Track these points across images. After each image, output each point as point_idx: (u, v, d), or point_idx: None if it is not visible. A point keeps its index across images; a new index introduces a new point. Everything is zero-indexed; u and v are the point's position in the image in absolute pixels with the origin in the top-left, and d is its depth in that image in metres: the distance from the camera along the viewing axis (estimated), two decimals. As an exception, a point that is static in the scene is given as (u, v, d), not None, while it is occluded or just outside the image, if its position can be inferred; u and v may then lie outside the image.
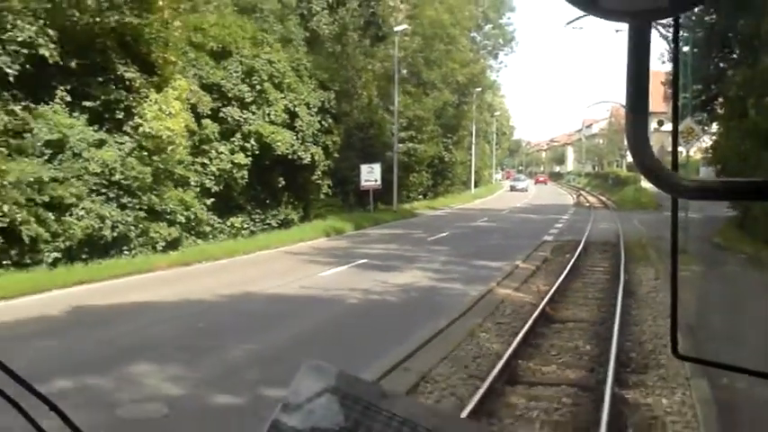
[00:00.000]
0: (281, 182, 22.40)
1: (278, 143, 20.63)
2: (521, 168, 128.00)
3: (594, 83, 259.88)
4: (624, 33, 0.52)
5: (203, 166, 18.95)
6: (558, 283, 12.86)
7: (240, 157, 19.80)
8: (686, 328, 8.24)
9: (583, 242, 19.86)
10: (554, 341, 9.02)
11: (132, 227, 15.58)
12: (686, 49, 20.39)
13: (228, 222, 20.54)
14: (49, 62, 13.65)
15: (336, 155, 25.15)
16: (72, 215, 14.26)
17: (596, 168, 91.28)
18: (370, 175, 30.54)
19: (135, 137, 15.62)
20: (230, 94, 19.55)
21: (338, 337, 9.13)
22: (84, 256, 14.60)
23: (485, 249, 18.99)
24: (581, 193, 60.85)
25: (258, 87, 20.06)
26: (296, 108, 21.64)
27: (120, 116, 15.65)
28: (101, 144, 15.18)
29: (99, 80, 15.44)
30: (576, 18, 28.65)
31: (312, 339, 9.01)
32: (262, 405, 6.19)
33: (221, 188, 19.71)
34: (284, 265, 15.95)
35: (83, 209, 14.48)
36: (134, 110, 15.78)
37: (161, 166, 16.23)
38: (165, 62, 16.47)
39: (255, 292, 12.11)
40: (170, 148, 16.18)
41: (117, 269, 14.03)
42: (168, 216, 16.77)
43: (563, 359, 8.22)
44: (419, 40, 40.39)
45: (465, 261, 16.59)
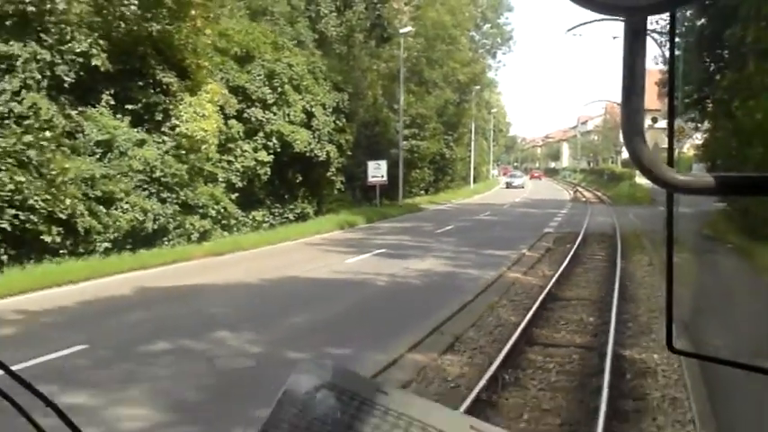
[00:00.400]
0: (298, 178, 23.84)
1: (297, 141, 22.05)
2: (516, 165, 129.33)
3: (589, 79, 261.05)
4: (620, 38, 0.51)
5: (229, 163, 20.33)
6: (562, 268, 14.34)
7: (263, 155, 21.21)
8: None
9: (582, 233, 21.34)
10: (562, 314, 10.49)
11: (170, 219, 16.98)
12: (678, 52, 21.78)
13: (250, 216, 21.93)
14: (101, 70, 15.02)
15: (349, 152, 26.54)
16: (118, 209, 15.67)
17: (591, 164, 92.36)
18: (376, 171, 31.90)
19: (173, 137, 16.99)
20: (254, 96, 20.95)
21: (379, 310, 10.61)
22: (129, 246, 15.98)
23: (491, 240, 20.43)
24: (577, 189, 62.23)
25: (279, 90, 21.46)
26: (313, 109, 23.05)
27: (159, 118, 17.05)
28: (142, 143, 16.57)
29: (139, 84, 16.83)
30: (576, 26, 30.01)
31: (358, 312, 10.46)
32: (327, 359, 7.64)
33: (245, 184, 21.11)
34: (309, 254, 17.34)
35: (126, 203, 15.88)
36: (171, 112, 17.18)
37: (195, 164, 17.62)
38: (198, 67, 17.85)
39: (293, 276, 13.54)
40: (203, 147, 17.60)
41: (161, 257, 15.45)
42: (201, 210, 18.16)
43: (570, 327, 9.70)
44: (422, 40, 41.70)
45: (475, 250, 18.03)
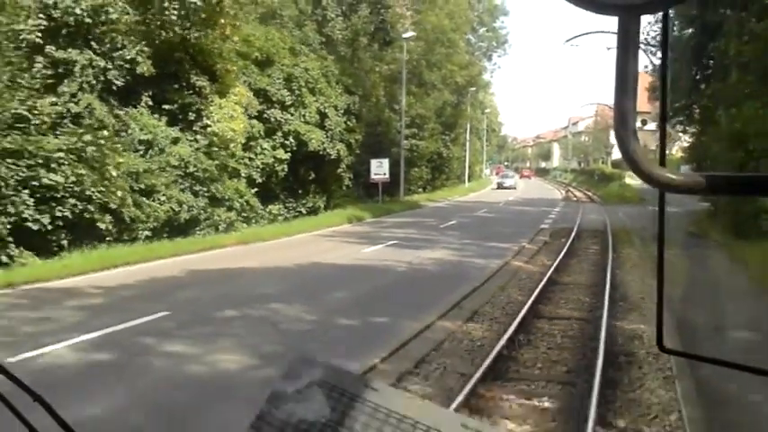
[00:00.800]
0: (311, 174, 25.44)
1: (312, 140, 23.64)
2: (507, 164, 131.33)
3: (581, 80, 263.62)
4: (613, 49, 0.53)
5: (250, 160, 21.88)
6: (559, 259, 16.01)
7: (280, 153, 22.79)
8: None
9: (575, 229, 23.04)
10: (561, 295, 12.15)
11: (201, 211, 18.54)
12: (670, 53, 23.48)
13: (267, 209, 23.50)
14: (145, 75, 16.54)
15: (358, 151, 28.13)
16: (155, 201, 17.20)
17: (582, 165, 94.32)
18: (379, 169, 33.54)
19: (205, 135, 18.53)
20: (273, 98, 22.51)
21: (403, 290, 12.24)
22: (165, 235, 17.53)
23: (492, 234, 22.09)
24: (569, 188, 64.03)
25: (296, 92, 23.04)
26: (326, 110, 24.65)
27: (192, 118, 18.60)
28: (176, 141, 18.12)
29: (175, 87, 18.36)
30: (574, 37, 31.47)
31: (385, 292, 12.05)
32: (371, 325, 9.30)
33: (263, 179, 22.68)
34: (327, 245, 18.91)
35: (164, 195, 17.42)
36: (203, 112, 18.72)
37: (223, 161, 19.17)
38: (227, 72, 19.39)
39: (321, 262, 15.13)
40: (231, 145, 19.15)
41: (197, 245, 17.01)
42: (227, 202, 19.74)
43: (570, 305, 11.35)
44: (422, 44, 43.34)
45: (478, 243, 19.67)
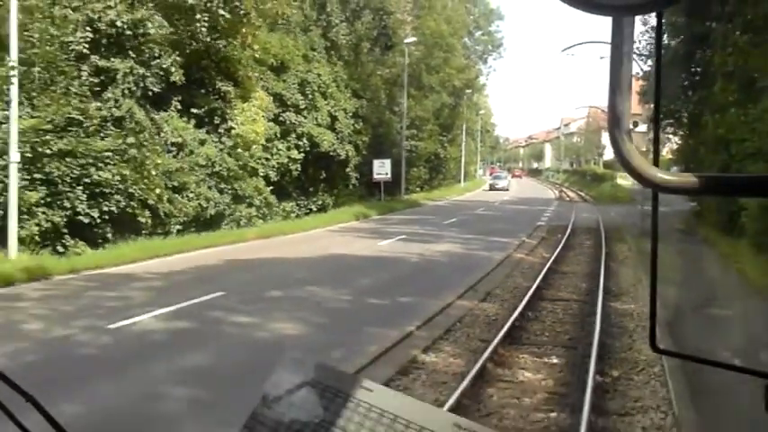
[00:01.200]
0: (320, 174, 26.92)
1: (324, 142, 25.12)
2: (499, 164, 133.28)
3: (574, 83, 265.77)
4: (606, 59, 0.53)
5: (267, 160, 23.32)
6: (557, 251, 17.56)
7: (294, 153, 24.26)
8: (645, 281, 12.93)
9: (570, 226, 24.63)
10: (561, 282, 13.69)
11: (226, 207, 19.99)
12: (663, 50, 25.02)
13: (281, 206, 24.96)
14: (176, 83, 17.97)
15: (365, 152, 29.62)
16: (185, 197, 18.64)
17: (574, 165, 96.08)
18: (381, 169, 35.01)
19: (230, 137, 19.98)
20: (289, 102, 23.97)
21: (421, 276, 13.75)
22: (193, 229, 18.97)
23: (493, 230, 23.63)
24: (562, 189, 65.67)
25: (310, 96, 24.52)
26: (336, 113, 26.15)
27: (217, 121, 20.03)
28: (203, 143, 19.56)
29: (202, 92, 19.80)
30: (570, 46, 33.03)
31: (405, 278, 13.55)
32: (399, 303, 10.80)
33: (278, 178, 24.13)
34: (342, 239, 20.37)
35: (192, 192, 18.86)
36: (227, 116, 20.16)
37: (246, 161, 20.64)
38: (248, 78, 20.84)
39: (342, 253, 16.61)
40: (254, 146, 20.62)
41: (225, 238, 18.46)
42: (247, 199, 21.19)
43: (569, 290, 12.89)
44: (421, 48, 44.84)
45: (481, 238, 21.20)
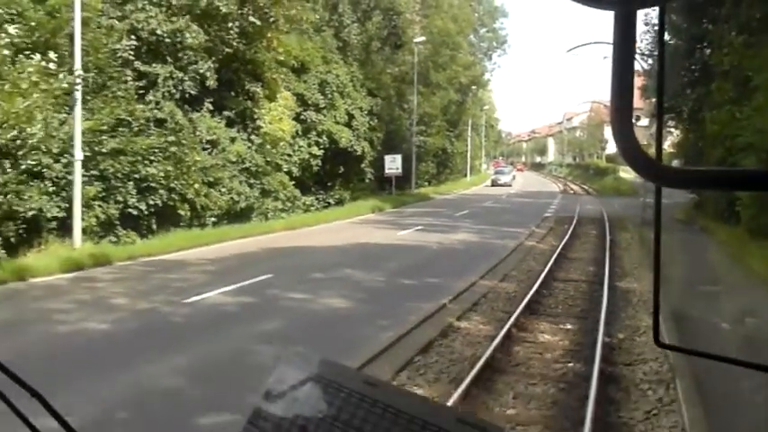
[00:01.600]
0: (338, 169, 28.29)
1: (342, 139, 26.50)
2: (502, 157, 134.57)
3: (576, 78, 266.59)
4: (609, 59, 0.53)
5: (289, 156, 24.71)
6: (565, 239, 18.95)
7: (315, 150, 25.63)
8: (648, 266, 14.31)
9: (576, 217, 26.01)
10: (570, 265, 15.08)
11: (255, 201, 21.39)
12: (668, 42, 26.31)
13: (302, 200, 26.35)
14: (209, 86, 19.34)
15: (380, 148, 30.99)
16: (219, 192, 20.03)
17: (577, 159, 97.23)
18: (392, 164, 36.39)
19: (259, 135, 21.37)
20: (309, 101, 25.34)
21: (443, 261, 15.15)
22: (225, 222, 20.36)
23: (503, 221, 25.02)
24: (566, 182, 66.95)
25: (329, 96, 25.89)
26: (353, 111, 27.51)
27: (247, 120, 21.40)
28: (233, 141, 20.94)
29: (232, 94, 21.17)
30: (574, 47, 34.20)
31: (428, 263, 14.94)
32: (427, 283, 12.19)
33: (299, 173, 25.51)
34: (363, 230, 21.74)
35: (224, 187, 20.25)
36: (255, 115, 21.54)
37: (273, 158, 22.03)
38: (273, 80, 22.21)
39: (366, 242, 18.00)
40: (281, 143, 22.00)
41: (256, 229, 19.87)
42: (273, 194, 22.58)
43: (578, 272, 14.29)
44: (429, 46, 46.14)
45: (493, 228, 22.58)
